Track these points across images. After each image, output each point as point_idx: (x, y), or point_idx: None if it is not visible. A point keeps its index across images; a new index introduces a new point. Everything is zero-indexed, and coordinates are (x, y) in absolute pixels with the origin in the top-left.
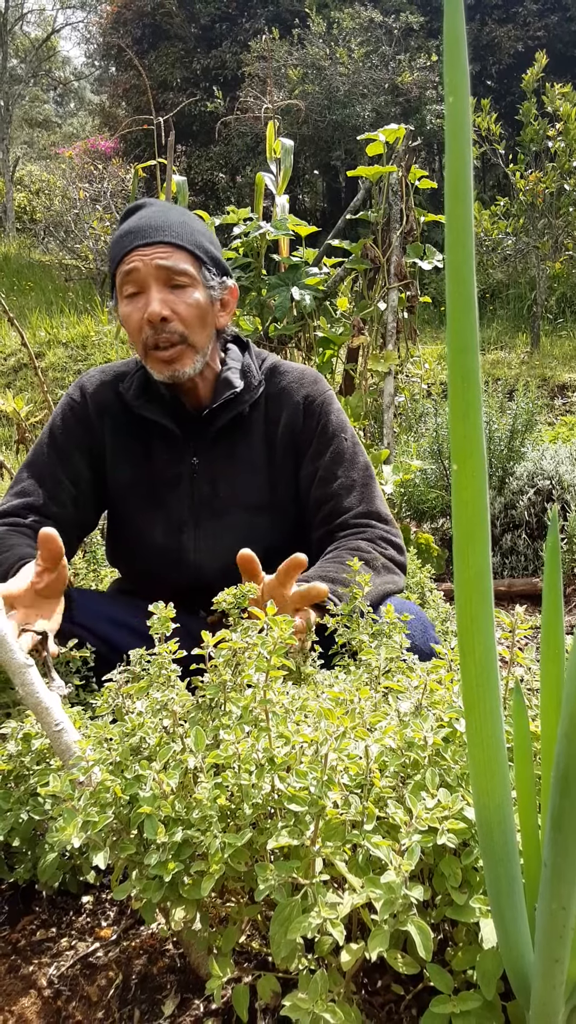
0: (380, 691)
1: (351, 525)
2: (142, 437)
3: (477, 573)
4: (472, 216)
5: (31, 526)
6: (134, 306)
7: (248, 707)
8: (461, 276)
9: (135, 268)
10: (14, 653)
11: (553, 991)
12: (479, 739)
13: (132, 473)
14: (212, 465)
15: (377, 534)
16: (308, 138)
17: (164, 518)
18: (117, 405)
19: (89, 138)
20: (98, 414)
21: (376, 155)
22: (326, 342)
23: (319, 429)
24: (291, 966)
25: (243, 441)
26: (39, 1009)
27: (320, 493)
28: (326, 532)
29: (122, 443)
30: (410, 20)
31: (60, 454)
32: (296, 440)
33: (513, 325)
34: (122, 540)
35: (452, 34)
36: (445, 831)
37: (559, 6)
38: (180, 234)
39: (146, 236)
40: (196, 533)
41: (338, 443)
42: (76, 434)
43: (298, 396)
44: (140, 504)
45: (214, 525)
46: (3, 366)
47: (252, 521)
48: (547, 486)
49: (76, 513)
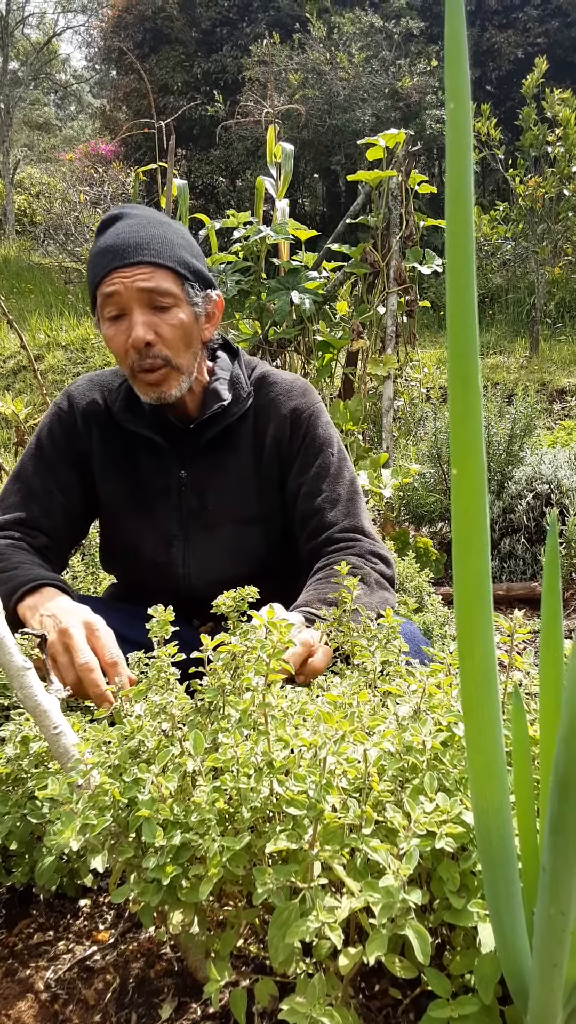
0: (378, 695)
1: (337, 540)
2: (130, 448)
3: (476, 577)
4: (473, 221)
5: (27, 542)
6: (117, 328)
7: (247, 711)
8: (461, 281)
9: (116, 292)
10: (12, 656)
11: (551, 995)
12: (478, 743)
13: (121, 484)
14: (201, 477)
15: (366, 548)
16: (308, 142)
17: (153, 531)
18: (105, 415)
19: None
20: (86, 424)
21: (376, 160)
22: (325, 346)
23: (305, 443)
24: (289, 970)
25: (232, 453)
26: (36, 1013)
27: (306, 507)
28: (313, 547)
29: (110, 454)
30: (410, 25)
31: (49, 466)
32: (282, 453)
33: (512, 330)
34: (113, 550)
35: (453, 39)
36: (443, 835)
37: (559, 12)
38: (160, 252)
39: (125, 256)
40: (186, 546)
41: (324, 458)
42: (64, 445)
43: (286, 409)
44: (129, 516)
45: (204, 538)
46: (2, 368)
47: (242, 533)
48: (546, 490)
49: (67, 524)
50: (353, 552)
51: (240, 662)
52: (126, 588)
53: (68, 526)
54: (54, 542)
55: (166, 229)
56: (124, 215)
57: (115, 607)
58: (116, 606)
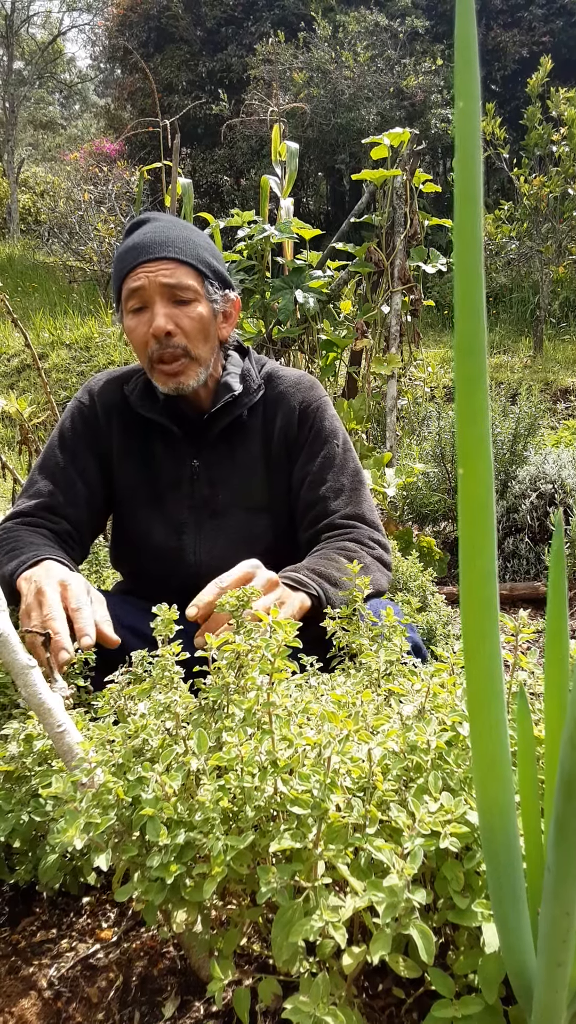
0: (382, 694)
1: (338, 525)
2: (146, 439)
3: (482, 577)
4: (481, 220)
5: (48, 527)
6: (139, 320)
7: (251, 709)
8: (469, 280)
9: (141, 286)
10: (17, 654)
11: (555, 995)
12: (483, 743)
13: (136, 474)
14: (212, 467)
15: (365, 534)
16: (313, 141)
17: (164, 519)
18: (123, 405)
19: (94, 140)
20: (106, 415)
21: (381, 159)
22: (329, 345)
23: (312, 434)
24: (292, 969)
25: (242, 444)
26: (39, 1010)
27: (309, 496)
28: (314, 533)
29: (128, 443)
30: (416, 24)
31: (71, 456)
32: (290, 444)
33: (516, 329)
34: (124, 541)
35: (463, 39)
36: (448, 835)
37: (564, 11)
38: (184, 250)
39: (150, 252)
40: (197, 534)
41: (329, 448)
42: (86, 436)
43: (294, 401)
44: (142, 505)
45: (214, 526)
46: (7, 367)
47: (251, 522)
48: (550, 490)
49: (89, 514)
50: (351, 537)
51: (244, 661)
52: (134, 583)
53: (90, 517)
54: (76, 530)
55: (190, 232)
56: (151, 219)
57: (131, 602)
58: (132, 601)
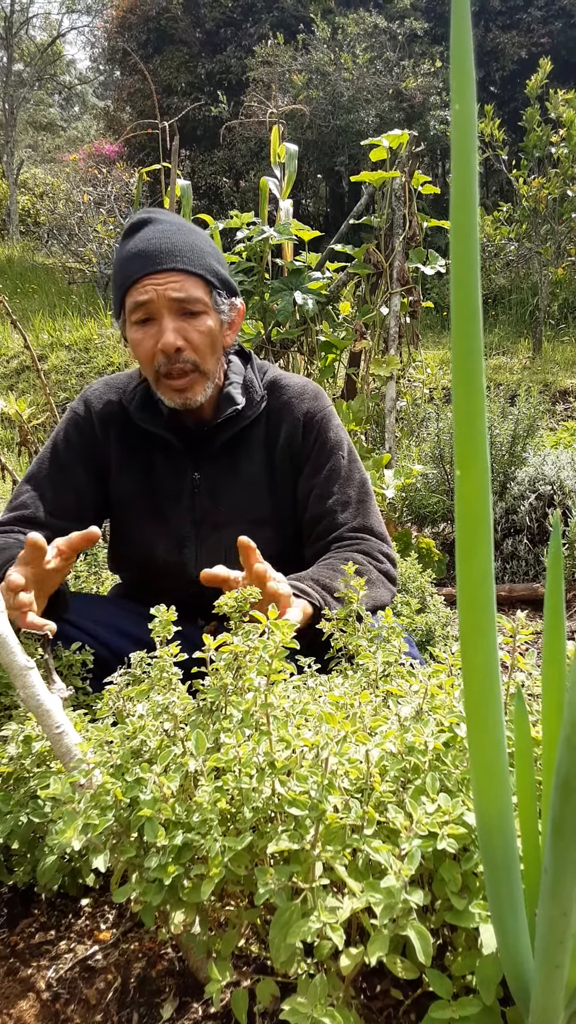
0: (380, 695)
1: (346, 537)
2: (146, 450)
3: (480, 578)
4: (477, 221)
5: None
6: (145, 333)
7: (249, 711)
8: (466, 282)
9: (150, 299)
10: (15, 655)
11: (553, 996)
12: (480, 744)
13: (135, 485)
14: (214, 479)
15: (373, 547)
16: (312, 143)
17: (166, 532)
18: (122, 416)
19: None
20: (103, 427)
21: (379, 160)
22: (328, 346)
23: (317, 446)
24: (290, 970)
25: (244, 456)
26: (37, 1012)
27: (316, 509)
28: (322, 546)
29: (126, 454)
30: (414, 26)
31: (63, 469)
32: (295, 455)
33: (515, 330)
34: (123, 551)
35: (459, 41)
36: (445, 836)
37: (563, 13)
38: (192, 259)
39: (157, 263)
40: (198, 547)
41: (335, 460)
42: (80, 448)
43: (298, 412)
44: (142, 517)
45: (216, 539)
46: (6, 368)
47: (254, 534)
48: (548, 491)
49: (76, 526)
50: (359, 549)
51: (242, 662)
52: (134, 589)
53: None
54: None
55: (196, 237)
56: (153, 219)
57: (128, 607)
58: (129, 606)
